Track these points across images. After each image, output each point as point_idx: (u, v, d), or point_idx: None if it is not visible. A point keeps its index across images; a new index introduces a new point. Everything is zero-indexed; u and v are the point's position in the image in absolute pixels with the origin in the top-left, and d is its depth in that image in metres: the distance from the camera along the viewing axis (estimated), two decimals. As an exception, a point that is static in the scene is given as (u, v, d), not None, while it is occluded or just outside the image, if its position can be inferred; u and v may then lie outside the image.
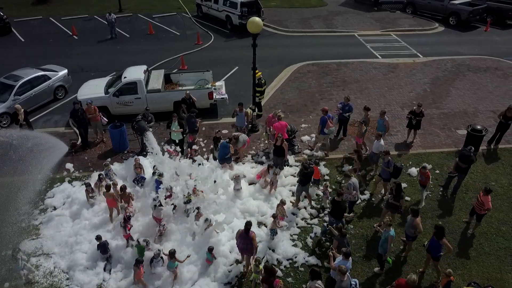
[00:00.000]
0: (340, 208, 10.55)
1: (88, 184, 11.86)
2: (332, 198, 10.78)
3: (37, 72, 17.33)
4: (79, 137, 14.77)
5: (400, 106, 17.44)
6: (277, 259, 10.56)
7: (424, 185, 12.06)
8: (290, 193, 12.62)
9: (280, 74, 20.27)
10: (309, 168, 11.58)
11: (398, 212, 11.13)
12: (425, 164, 12.03)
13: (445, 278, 9.14)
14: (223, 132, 15.03)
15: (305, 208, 12.09)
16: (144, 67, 17.02)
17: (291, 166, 13.67)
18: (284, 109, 16.55)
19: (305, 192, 12.02)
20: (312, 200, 12.31)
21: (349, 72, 20.44)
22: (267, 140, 14.62)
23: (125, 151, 14.56)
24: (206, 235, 10.59)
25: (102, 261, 10.41)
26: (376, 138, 12.88)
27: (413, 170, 13.54)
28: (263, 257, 10.43)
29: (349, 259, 9.12)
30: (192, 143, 14.09)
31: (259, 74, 15.87)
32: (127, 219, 10.59)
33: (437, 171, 13.66)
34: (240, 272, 10.22)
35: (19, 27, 26.20)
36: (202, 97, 16.12)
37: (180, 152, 13.91)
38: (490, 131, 14.92)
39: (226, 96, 16.89)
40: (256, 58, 14.48)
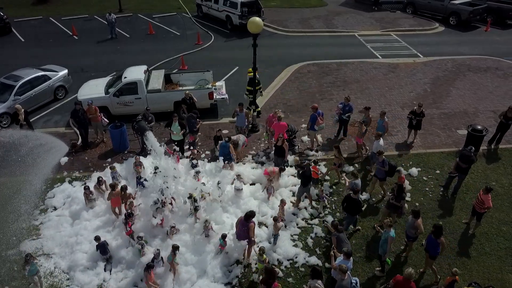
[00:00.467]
0: (356, 205, 10.68)
1: (87, 187, 11.72)
2: (348, 195, 10.92)
3: (37, 72, 17.32)
4: (79, 137, 14.77)
5: (401, 106, 17.43)
6: (278, 259, 10.56)
7: None
8: (291, 193, 12.61)
9: (281, 74, 20.27)
10: (305, 167, 11.62)
11: (399, 213, 11.13)
12: (400, 168, 11.80)
13: (450, 277, 9.13)
14: (223, 132, 15.00)
15: (306, 208, 12.08)
16: (144, 67, 17.03)
17: (292, 166, 13.67)
18: (285, 109, 16.55)
19: (306, 193, 12.02)
20: (313, 200, 12.31)
21: (350, 72, 20.44)
22: (268, 140, 14.63)
23: (125, 151, 14.56)
24: (205, 236, 10.62)
25: (103, 262, 10.40)
26: (376, 138, 12.88)
27: (414, 170, 13.54)
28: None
29: (350, 259, 9.12)
30: (193, 143, 14.08)
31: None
32: (128, 216, 10.61)
33: (438, 171, 13.66)
34: (241, 273, 10.22)
35: (19, 27, 26.19)
36: (203, 97, 16.12)
37: (180, 152, 13.90)
38: (491, 131, 14.92)
39: (226, 96, 16.90)
40: (256, 58, 14.48)
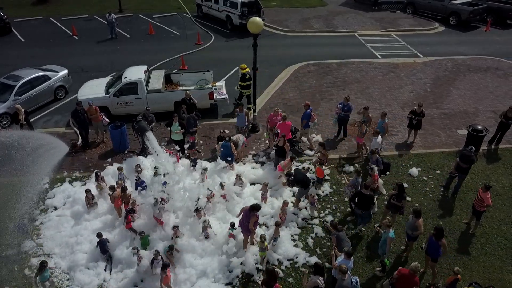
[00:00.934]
0: (368, 200, 10.78)
1: (88, 190, 11.61)
2: (359, 191, 10.98)
3: (38, 72, 17.31)
4: (80, 137, 14.77)
5: (401, 106, 17.43)
6: (278, 259, 10.55)
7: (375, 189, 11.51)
8: (291, 194, 12.59)
9: (281, 74, 20.26)
10: (296, 174, 11.70)
11: (400, 213, 11.13)
12: (373, 166, 11.72)
13: (453, 276, 9.12)
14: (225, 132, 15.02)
15: (306, 208, 12.06)
16: (145, 67, 17.01)
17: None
18: (285, 109, 16.54)
19: (306, 194, 12.01)
20: (305, 207, 12.15)
21: (350, 72, 20.43)
22: (268, 140, 14.62)
23: (126, 151, 14.55)
24: (205, 238, 10.67)
25: (103, 262, 10.39)
26: (373, 135, 12.90)
27: (414, 170, 13.54)
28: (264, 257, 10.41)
29: (351, 259, 9.12)
30: (194, 143, 14.08)
31: (247, 70, 16.19)
32: (129, 212, 10.68)
33: (438, 171, 13.65)
34: (241, 273, 10.21)
35: (19, 27, 26.17)
36: (203, 97, 16.11)
37: (180, 152, 13.90)
38: (491, 131, 14.91)
39: (227, 96, 16.90)
40: (257, 58, 14.47)
